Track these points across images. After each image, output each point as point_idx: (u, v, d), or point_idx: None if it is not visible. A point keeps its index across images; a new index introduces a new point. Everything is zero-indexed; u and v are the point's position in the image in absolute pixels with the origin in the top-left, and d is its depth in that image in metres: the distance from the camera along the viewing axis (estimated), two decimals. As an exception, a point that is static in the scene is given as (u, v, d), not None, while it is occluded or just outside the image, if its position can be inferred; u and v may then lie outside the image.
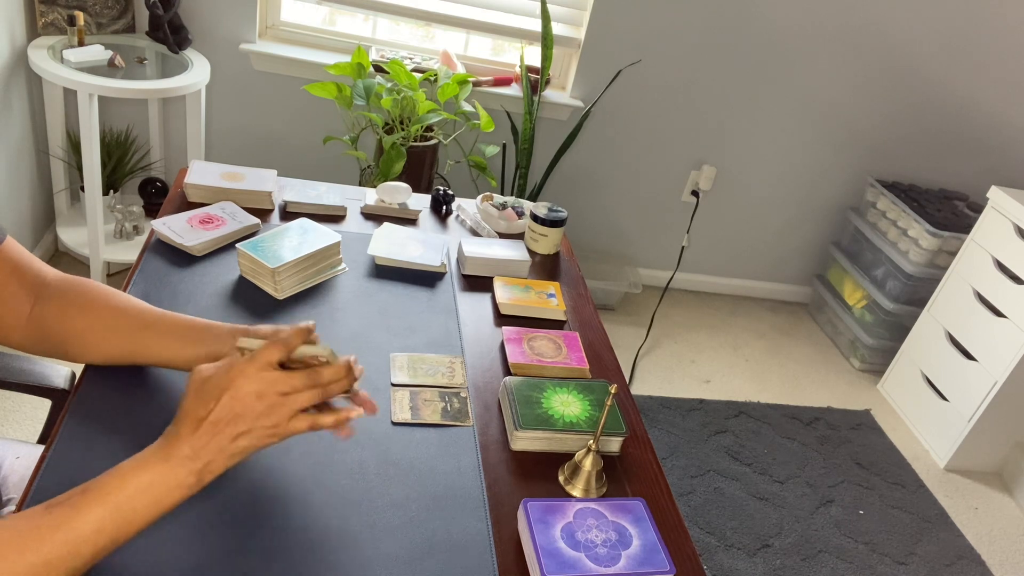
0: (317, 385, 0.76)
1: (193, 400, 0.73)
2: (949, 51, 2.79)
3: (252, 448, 0.74)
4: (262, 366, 0.74)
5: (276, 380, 0.74)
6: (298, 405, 0.75)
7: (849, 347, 2.99)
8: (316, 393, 0.76)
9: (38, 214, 2.40)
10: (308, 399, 0.75)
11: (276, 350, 0.75)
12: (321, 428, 0.78)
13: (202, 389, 0.73)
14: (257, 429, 0.73)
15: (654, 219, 3.04)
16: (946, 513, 2.33)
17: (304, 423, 0.76)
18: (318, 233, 1.24)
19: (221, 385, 0.72)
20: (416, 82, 2.22)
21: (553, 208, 1.47)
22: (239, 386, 0.72)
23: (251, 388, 0.73)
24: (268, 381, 0.73)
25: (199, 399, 0.73)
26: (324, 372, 0.77)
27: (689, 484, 2.20)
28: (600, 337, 1.27)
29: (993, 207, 2.43)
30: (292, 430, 0.75)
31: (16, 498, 1.03)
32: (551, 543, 0.83)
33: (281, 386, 0.74)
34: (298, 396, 0.75)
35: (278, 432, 0.75)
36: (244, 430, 0.73)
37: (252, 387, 0.73)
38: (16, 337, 0.91)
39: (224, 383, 0.73)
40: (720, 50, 2.69)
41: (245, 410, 0.72)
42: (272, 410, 0.73)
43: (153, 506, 0.70)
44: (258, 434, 0.74)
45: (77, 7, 2.23)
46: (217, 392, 0.72)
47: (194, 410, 0.72)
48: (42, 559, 0.65)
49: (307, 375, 0.76)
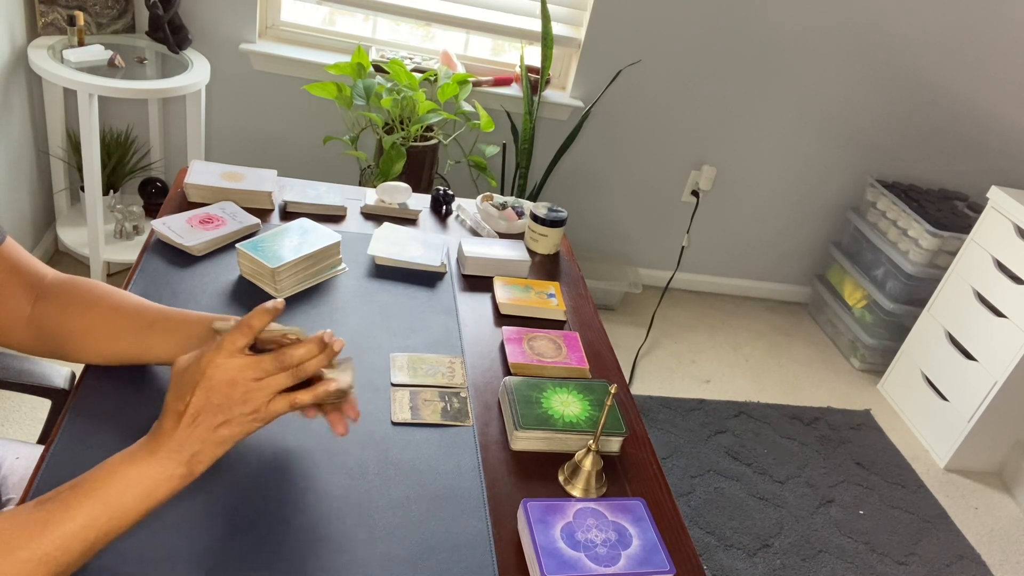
0: (288, 366, 0.75)
1: (173, 393, 0.73)
2: (949, 51, 2.79)
3: (237, 435, 0.74)
4: (229, 353, 0.73)
5: (245, 366, 0.73)
6: (273, 388, 0.74)
7: (849, 347, 2.99)
8: (289, 374, 0.75)
9: (38, 214, 2.40)
10: (282, 381, 0.75)
11: (240, 335, 0.74)
12: (301, 406, 0.77)
13: (179, 382, 0.74)
14: (237, 417, 0.73)
15: (654, 219, 3.04)
16: (946, 513, 2.33)
17: (284, 403, 0.76)
18: (318, 233, 1.24)
19: (194, 377, 0.73)
20: (416, 82, 2.22)
21: (553, 208, 1.47)
22: (210, 376, 0.72)
23: (222, 377, 0.72)
24: (238, 368, 0.73)
25: (177, 392, 0.73)
26: (294, 352, 0.76)
27: (689, 484, 2.20)
28: (600, 337, 1.27)
29: (993, 207, 2.43)
30: (273, 412, 0.75)
31: (16, 498, 1.03)
32: (551, 543, 0.83)
33: (252, 371, 0.73)
34: (271, 380, 0.74)
35: (259, 416, 0.74)
36: (224, 419, 0.73)
37: (222, 376, 0.72)
38: (16, 337, 0.91)
39: (196, 375, 0.73)
40: (720, 50, 2.69)
41: (221, 400, 0.72)
42: (248, 396, 0.73)
43: (143, 500, 0.70)
44: (239, 421, 0.73)
45: (77, 7, 2.23)
46: (191, 384, 0.72)
47: (174, 403, 0.73)
48: (33, 555, 0.65)
49: (276, 357, 0.75)
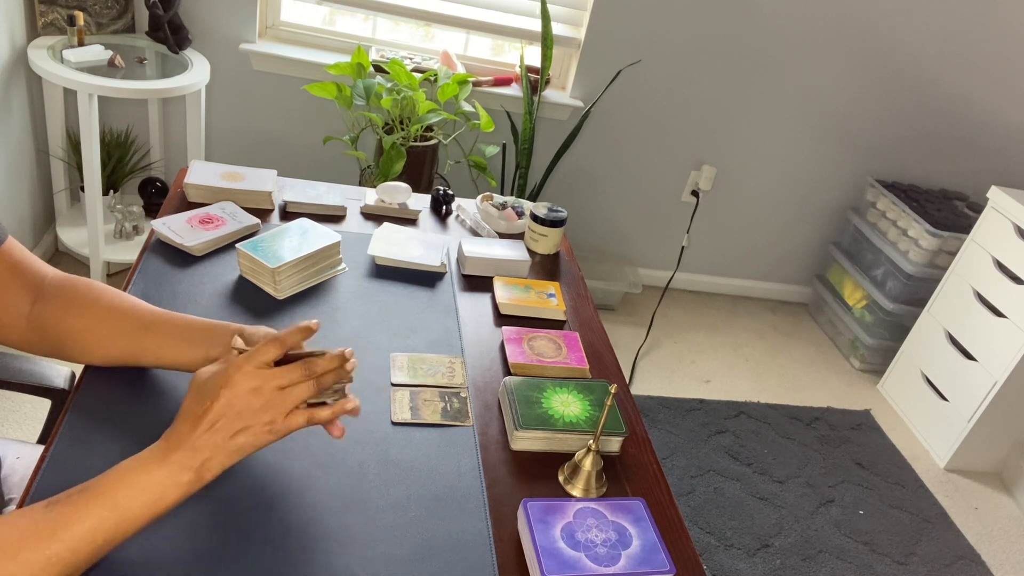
0: (312, 376, 0.77)
1: (192, 399, 0.74)
2: (949, 51, 2.79)
3: (251, 445, 0.75)
4: (259, 364, 0.75)
5: (272, 375, 0.75)
6: (295, 399, 0.76)
7: (849, 347, 2.99)
8: (311, 385, 0.77)
9: (38, 214, 2.40)
10: (304, 391, 0.76)
11: (273, 348, 0.76)
12: (319, 422, 0.79)
13: (202, 387, 0.74)
14: (255, 426, 0.74)
15: (654, 219, 3.04)
16: (946, 513, 2.33)
17: (301, 418, 0.77)
18: (318, 233, 1.24)
19: (219, 383, 0.74)
20: (416, 82, 2.22)
21: (553, 208, 1.47)
22: (236, 382, 0.73)
23: (248, 384, 0.73)
24: (264, 377, 0.74)
25: (198, 398, 0.74)
26: (318, 362, 0.78)
27: (689, 484, 2.20)
28: (600, 337, 1.27)
29: (993, 207, 2.43)
30: (290, 426, 0.76)
31: (17, 498, 1.03)
32: (551, 543, 0.83)
33: (278, 380, 0.75)
34: (294, 389, 0.76)
35: (276, 429, 0.75)
36: (242, 427, 0.73)
37: (249, 383, 0.74)
38: (16, 337, 0.91)
39: (222, 381, 0.74)
40: (720, 50, 2.69)
41: (242, 407, 0.73)
42: (269, 405, 0.74)
43: (152, 505, 0.70)
44: (256, 431, 0.74)
45: (77, 7, 2.23)
46: (215, 390, 0.73)
47: (192, 408, 0.73)
48: (41, 557, 0.65)
49: (302, 366, 0.77)
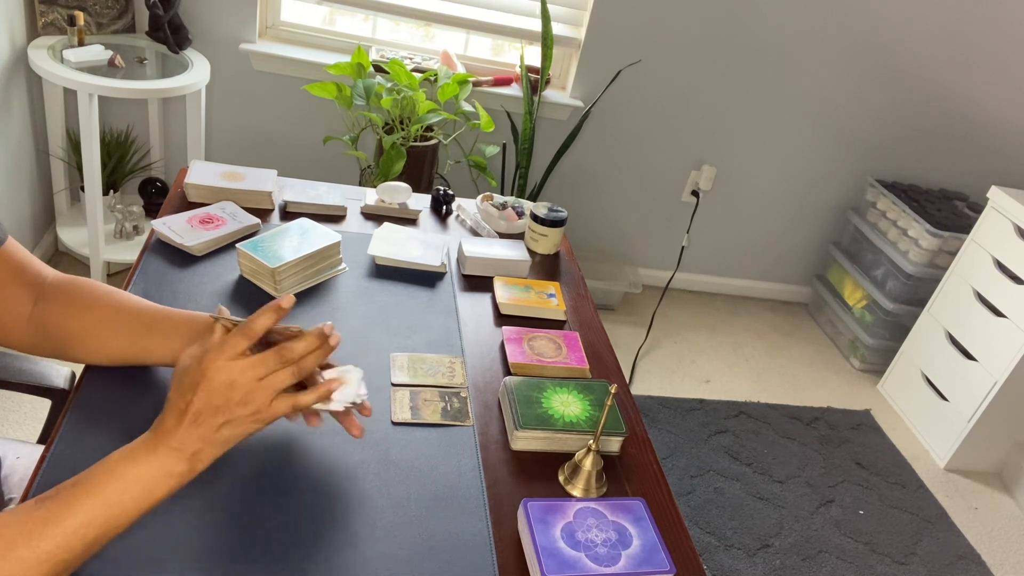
0: (290, 361, 0.75)
1: (175, 390, 0.73)
2: (949, 52, 2.79)
3: (238, 435, 0.74)
4: (231, 356, 0.73)
5: (247, 367, 0.73)
6: (276, 386, 0.74)
7: (849, 347, 2.99)
8: (292, 371, 0.75)
9: (38, 214, 2.40)
10: (285, 378, 0.75)
11: (243, 338, 0.73)
12: (304, 406, 0.77)
13: (182, 379, 0.73)
14: (238, 418, 0.73)
15: (654, 219, 3.04)
16: (946, 513, 2.33)
17: (285, 404, 0.75)
18: (318, 233, 1.24)
19: (195, 378, 0.72)
20: (416, 82, 2.22)
21: (553, 208, 1.47)
22: (210, 378, 0.72)
23: (222, 379, 0.72)
24: (239, 369, 0.72)
25: (179, 390, 0.73)
26: (295, 346, 0.75)
27: (689, 484, 2.20)
28: (600, 337, 1.27)
29: (993, 207, 2.43)
30: (275, 413, 0.75)
31: (17, 498, 1.03)
32: (551, 543, 0.83)
33: (255, 371, 0.73)
34: (274, 377, 0.74)
35: (261, 417, 0.74)
36: (224, 420, 0.72)
37: (223, 377, 0.72)
38: (16, 337, 0.91)
39: (197, 376, 0.72)
40: (720, 50, 2.69)
41: (221, 401, 0.72)
42: (250, 397, 0.73)
43: (143, 497, 0.70)
44: (240, 422, 0.73)
45: (77, 7, 2.23)
46: (192, 385, 0.72)
47: (175, 401, 0.73)
48: (33, 554, 0.65)
49: (278, 352, 0.74)
